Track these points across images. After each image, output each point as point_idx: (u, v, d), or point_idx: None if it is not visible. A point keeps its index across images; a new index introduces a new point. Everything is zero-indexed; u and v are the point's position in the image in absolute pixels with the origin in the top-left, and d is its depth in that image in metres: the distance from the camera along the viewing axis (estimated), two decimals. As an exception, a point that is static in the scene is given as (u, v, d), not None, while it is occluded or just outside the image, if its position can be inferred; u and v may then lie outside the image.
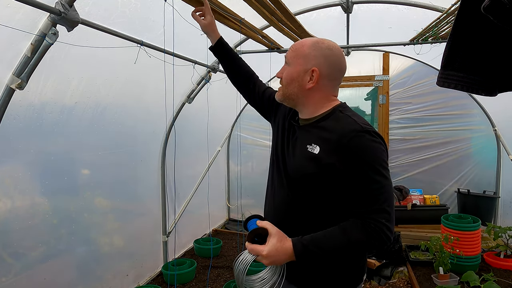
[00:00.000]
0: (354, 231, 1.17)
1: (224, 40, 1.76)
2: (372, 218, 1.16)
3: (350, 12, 3.15)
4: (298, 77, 1.31)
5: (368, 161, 1.18)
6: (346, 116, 1.27)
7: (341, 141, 1.19)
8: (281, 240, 1.21)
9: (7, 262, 2.13)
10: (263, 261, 1.21)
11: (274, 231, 1.23)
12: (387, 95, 4.79)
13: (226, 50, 1.76)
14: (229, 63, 1.78)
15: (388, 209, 1.17)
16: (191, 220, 4.23)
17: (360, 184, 1.18)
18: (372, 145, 1.19)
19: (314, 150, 1.25)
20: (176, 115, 3.54)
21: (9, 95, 1.82)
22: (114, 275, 3.01)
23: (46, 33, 1.73)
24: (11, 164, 2.13)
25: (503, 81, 0.93)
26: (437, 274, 3.31)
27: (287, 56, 1.36)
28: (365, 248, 1.22)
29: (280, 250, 1.19)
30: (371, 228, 1.16)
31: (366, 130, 1.20)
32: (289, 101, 1.38)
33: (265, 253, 1.19)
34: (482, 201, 4.26)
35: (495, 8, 0.75)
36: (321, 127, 1.29)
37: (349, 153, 1.18)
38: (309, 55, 1.29)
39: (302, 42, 1.33)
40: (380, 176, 1.18)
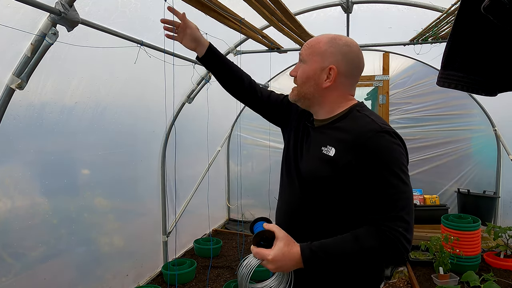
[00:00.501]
0: (367, 239, 1.07)
1: (214, 47, 1.53)
2: (387, 226, 1.06)
3: (350, 12, 3.15)
4: (315, 76, 1.24)
5: (385, 163, 1.09)
6: (364, 115, 1.20)
7: (357, 141, 1.12)
8: (289, 245, 1.12)
9: (7, 262, 2.13)
10: (268, 266, 1.13)
11: (282, 234, 1.14)
12: (387, 95, 4.78)
13: (219, 58, 1.54)
14: (226, 72, 1.57)
15: (406, 217, 1.07)
16: (191, 220, 4.23)
17: (376, 188, 1.09)
18: (391, 146, 1.11)
19: (329, 152, 1.17)
20: (176, 115, 3.54)
21: (9, 95, 1.83)
22: (114, 275, 3.01)
23: (46, 33, 1.73)
24: (11, 164, 2.13)
25: (503, 81, 0.93)
26: (437, 274, 3.31)
27: (302, 53, 1.28)
28: (379, 258, 1.10)
29: (287, 255, 1.10)
30: (386, 237, 1.05)
31: (385, 130, 1.12)
32: (304, 101, 1.29)
33: (271, 258, 1.10)
34: (482, 201, 4.26)
35: (495, 8, 0.75)
36: (337, 127, 1.22)
37: (366, 154, 1.10)
38: (326, 52, 1.22)
39: (318, 39, 1.25)
40: (398, 180, 1.09)
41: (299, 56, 1.30)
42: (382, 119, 1.20)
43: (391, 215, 1.07)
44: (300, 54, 1.28)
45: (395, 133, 1.15)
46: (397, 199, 1.08)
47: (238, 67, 1.62)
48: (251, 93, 1.59)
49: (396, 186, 1.09)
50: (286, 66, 5.03)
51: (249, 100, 1.62)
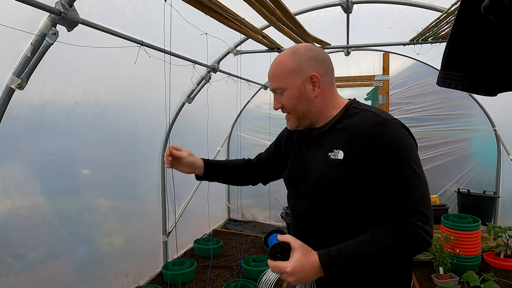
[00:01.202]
0: (385, 237, 1.04)
1: (209, 163, 1.54)
2: (405, 220, 1.03)
3: (350, 12, 3.15)
4: (302, 92, 1.20)
5: (395, 156, 1.06)
6: (363, 110, 1.17)
7: (364, 138, 1.09)
8: (306, 254, 1.07)
9: (7, 262, 2.13)
10: (288, 279, 1.07)
11: (297, 244, 1.10)
12: (387, 95, 4.79)
13: (217, 168, 1.55)
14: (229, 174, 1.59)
15: (423, 209, 1.04)
16: (191, 220, 4.23)
17: (389, 183, 1.06)
18: (398, 137, 1.08)
19: (338, 156, 1.13)
20: (176, 115, 3.55)
21: (9, 95, 1.83)
22: (114, 275, 3.01)
23: (46, 33, 1.73)
24: (11, 164, 2.13)
25: (503, 81, 0.93)
26: (437, 274, 3.31)
27: (274, 86, 1.23)
28: (400, 255, 1.05)
29: (305, 265, 1.05)
30: (405, 232, 1.02)
31: (389, 121, 1.10)
32: (305, 121, 1.24)
33: (290, 270, 1.05)
34: (482, 201, 4.26)
35: (495, 8, 0.75)
36: (339, 129, 1.19)
37: (374, 148, 1.07)
38: (297, 66, 1.19)
39: (280, 60, 1.22)
40: (411, 172, 1.06)
41: (273, 92, 1.26)
42: (382, 111, 1.18)
43: (407, 209, 1.04)
44: (273, 88, 1.24)
45: (400, 122, 1.12)
46: (411, 191, 1.05)
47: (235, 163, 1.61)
48: (255, 177, 1.61)
49: (408, 178, 1.06)
50: (286, 66, 5.02)
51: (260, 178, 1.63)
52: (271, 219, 5.22)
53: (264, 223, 5.35)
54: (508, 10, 0.74)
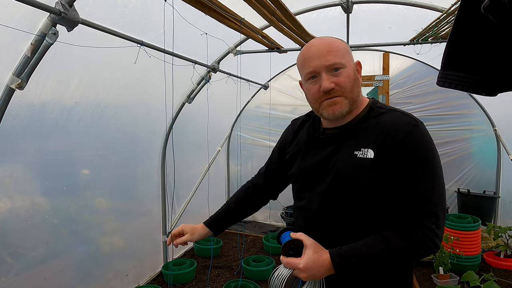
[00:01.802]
0: (397, 239, 1.05)
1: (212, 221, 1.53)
2: (420, 223, 1.04)
3: (350, 12, 3.15)
4: (356, 75, 1.17)
5: (424, 157, 1.06)
6: (390, 110, 1.16)
7: (397, 137, 1.08)
8: (318, 252, 1.10)
9: (7, 262, 2.13)
10: (300, 275, 1.10)
11: (310, 242, 1.12)
12: (387, 95, 4.79)
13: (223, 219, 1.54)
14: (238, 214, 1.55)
15: (439, 213, 1.05)
16: (191, 220, 4.22)
17: (413, 183, 1.06)
18: (427, 139, 1.09)
19: (367, 155, 1.11)
20: (176, 115, 3.55)
21: (9, 95, 1.83)
22: (114, 275, 3.01)
23: (46, 33, 1.73)
24: (11, 164, 2.13)
25: (503, 81, 0.93)
26: (437, 274, 3.31)
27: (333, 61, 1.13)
28: (409, 257, 1.08)
29: (317, 262, 1.08)
30: (417, 236, 1.04)
31: (420, 123, 1.10)
32: (352, 107, 1.17)
33: (302, 266, 1.08)
34: (482, 201, 4.25)
35: (495, 8, 0.75)
36: (366, 128, 1.16)
37: (406, 148, 1.06)
38: (348, 49, 1.19)
39: (331, 41, 1.17)
40: (435, 175, 1.07)
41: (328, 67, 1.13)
42: (407, 112, 1.16)
43: (425, 211, 1.04)
44: (331, 64, 1.13)
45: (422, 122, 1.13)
46: (432, 194, 1.05)
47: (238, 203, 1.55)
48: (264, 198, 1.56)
49: (430, 180, 1.06)
50: (286, 66, 5.03)
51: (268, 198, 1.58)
52: (271, 219, 5.22)
53: (264, 223, 5.35)
54: (508, 10, 0.74)
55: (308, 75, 1.18)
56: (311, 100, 1.21)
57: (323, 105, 1.17)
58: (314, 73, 1.16)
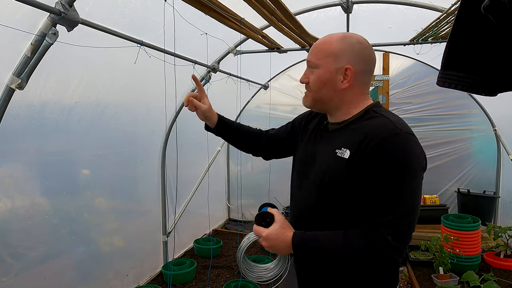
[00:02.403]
0: (355, 240, 1.08)
1: (223, 117, 1.58)
2: (377, 231, 1.04)
3: (350, 12, 3.15)
4: (331, 79, 1.18)
5: (396, 167, 1.05)
6: (382, 116, 1.15)
7: (372, 142, 1.07)
8: (284, 228, 1.20)
9: (7, 262, 2.13)
10: (263, 243, 1.22)
11: (280, 218, 1.22)
12: (387, 95, 4.78)
13: (229, 126, 1.58)
14: (236, 136, 1.61)
15: (401, 227, 1.03)
16: (191, 220, 4.23)
17: (381, 190, 1.06)
18: (405, 150, 1.07)
19: (344, 155, 1.13)
20: (176, 114, 3.54)
21: (9, 95, 1.83)
22: (114, 275, 3.01)
23: (46, 33, 1.73)
24: (11, 164, 2.13)
25: (503, 81, 0.93)
26: (437, 274, 3.31)
27: (311, 59, 1.22)
28: (363, 261, 1.09)
29: (280, 236, 1.18)
30: (373, 243, 1.04)
31: (403, 133, 1.07)
32: (320, 105, 1.25)
33: (265, 235, 1.19)
34: (482, 201, 4.26)
35: (495, 8, 0.75)
36: (352, 129, 1.18)
37: (378, 155, 1.06)
38: (339, 52, 1.17)
39: (328, 40, 1.20)
40: (406, 189, 1.05)
41: (307, 63, 1.24)
42: (401, 120, 1.15)
43: (386, 220, 1.04)
44: (309, 60, 1.22)
45: (415, 139, 1.11)
46: (397, 206, 1.04)
47: (247, 128, 1.63)
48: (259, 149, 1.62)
49: (400, 193, 1.05)
50: (286, 66, 5.03)
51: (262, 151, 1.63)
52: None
53: (264, 223, 5.35)
54: (508, 10, 0.74)
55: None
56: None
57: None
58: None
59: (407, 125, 1.14)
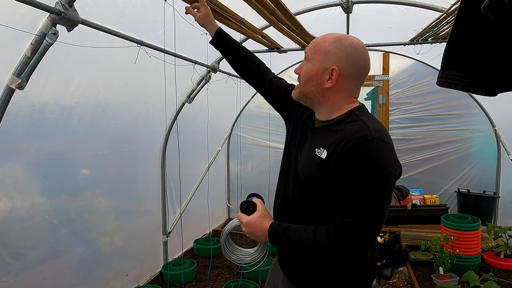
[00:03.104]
0: (323, 236, 1.16)
1: (223, 30, 1.70)
2: (342, 230, 1.11)
3: (350, 12, 3.15)
4: (317, 75, 1.22)
5: (365, 172, 1.08)
6: (360, 121, 1.17)
7: (345, 146, 1.10)
8: (263, 217, 1.32)
9: (7, 262, 2.13)
10: (243, 229, 1.34)
11: (261, 208, 1.35)
12: (387, 95, 4.79)
13: (226, 41, 1.70)
14: (233, 54, 1.71)
15: (364, 229, 1.09)
16: (191, 220, 4.23)
17: (346, 192, 1.10)
18: (376, 157, 1.09)
19: (321, 155, 1.17)
20: (176, 115, 3.55)
21: (9, 95, 1.83)
22: (114, 275, 3.01)
23: (46, 33, 1.73)
24: (11, 164, 2.13)
25: (503, 81, 0.93)
26: (437, 274, 3.31)
27: (306, 51, 1.27)
28: (331, 255, 1.22)
29: (258, 224, 1.30)
30: (337, 241, 1.13)
31: (376, 140, 1.09)
32: (305, 100, 1.30)
33: (245, 221, 1.32)
34: (482, 201, 4.26)
35: (495, 8, 0.75)
36: (333, 130, 1.21)
37: (349, 158, 1.09)
38: (329, 52, 1.19)
39: (324, 38, 1.23)
40: (370, 192, 1.08)
41: (304, 54, 1.29)
42: (379, 126, 1.16)
43: (350, 221, 1.10)
44: (305, 52, 1.28)
45: (389, 147, 1.12)
46: (360, 208, 1.09)
47: (248, 50, 1.73)
48: (258, 74, 1.68)
49: (364, 196, 1.08)
50: (286, 66, 5.03)
51: (256, 82, 1.69)
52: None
53: (264, 223, 5.35)
54: (508, 10, 0.74)
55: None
56: None
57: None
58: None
59: (386, 132, 1.16)
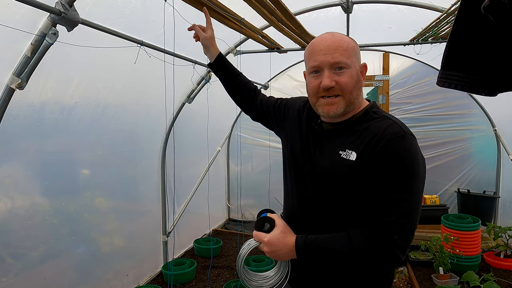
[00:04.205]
0: (359, 240, 1.08)
1: (223, 56, 1.64)
2: (383, 230, 1.05)
3: (350, 12, 3.15)
4: (358, 77, 1.17)
5: (402, 168, 1.07)
6: (384, 117, 1.16)
7: (379, 144, 1.08)
8: (285, 232, 1.18)
9: (7, 262, 2.13)
10: (264, 249, 1.19)
11: (281, 223, 1.21)
12: (387, 95, 4.79)
13: (226, 66, 1.63)
14: (230, 80, 1.65)
15: (406, 226, 1.05)
16: (191, 220, 4.23)
17: (386, 190, 1.07)
18: (410, 152, 1.08)
19: (350, 157, 1.13)
20: (176, 115, 3.55)
21: (9, 95, 1.83)
22: (114, 275, 3.01)
23: (46, 33, 1.73)
24: (11, 164, 2.13)
25: (503, 81, 0.93)
26: (437, 274, 3.31)
27: (341, 60, 1.13)
28: (366, 260, 1.09)
29: (282, 241, 1.16)
30: (378, 242, 1.05)
31: (408, 135, 1.09)
32: (348, 108, 1.17)
33: (266, 240, 1.17)
34: (482, 201, 4.26)
35: (495, 8, 0.75)
36: (356, 131, 1.17)
37: (387, 156, 1.07)
38: (356, 50, 1.17)
39: (341, 38, 1.16)
40: (411, 189, 1.07)
41: (334, 65, 1.14)
42: (402, 122, 1.16)
43: (391, 220, 1.05)
44: (339, 61, 1.13)
45: (415, 138, 1.13)
46: (401, 206, 1.06)
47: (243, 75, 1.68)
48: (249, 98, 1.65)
49: (403, 192, 1.07)
50: (286, 66, 5.03)
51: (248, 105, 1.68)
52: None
53: (264, 223, 5.35)
54: (508, 10, 0.74)
55: (311, 69, 1.20)
56: (310, 93, 1.23)
57: (320, 102, 1.19)
58: (318, 68, 1.17)
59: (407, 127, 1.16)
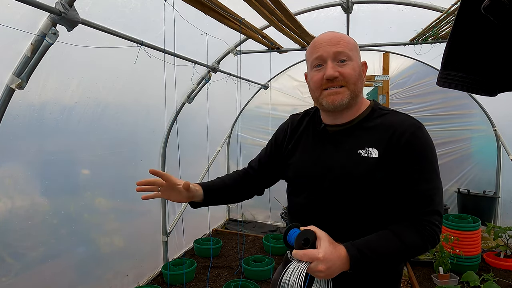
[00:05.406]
0: (409, 235, 1.07)
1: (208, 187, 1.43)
2: (427, 220, 1.08)
3: (350, 12, 3.15)
4: (360, 72, 1.19)
5: (427, 158, 1.11)
6: (394, 112, 1.20)
7: (403, 137, 1.10)
8: (333, 243, 1.03)
9: (7, 262, 2.13)
10: (319, 267, 0.98)
11: (323, 234, 1.04)
12: (387, 95, 4.78)
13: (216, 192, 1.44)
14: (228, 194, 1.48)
15: (441, 211, 1.11)
16: (191, 220, 4.23)
17: (418, 183, 1.09)
18: (429, 141, 1.13)
19: (371, 154, 1.12)
20: (176, 115, 3.54)
21: (9, 95, 1.83)
22: (114, 275, 3.01)
23: (46, 33, 1.73)
24: (11, 164, 2.13)
25: (503, 81, 0.93)
26: (437, 274, 3.31)
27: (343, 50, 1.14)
28: (420, 252, 1.10)
29: (335, 253, 1.00)
30: (427, 231, 1.07)
31: (422, 125, 1.14)
32: (353, 101, 1.17)
33: (322, 255, 0.97)
34: (482, 201, 4.25)
35: (495, 8, 0.75)
36: (368, 128, 1.17)
37: (413, 148, 1.10)
38: (357, 48, 1.21)
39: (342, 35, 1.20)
40: (435, 175, 1.12)
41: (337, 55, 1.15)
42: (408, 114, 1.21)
43: (430, 209, 1.09)
44: (341, 51, 1.14)
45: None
46: (434, 193, 1.10)
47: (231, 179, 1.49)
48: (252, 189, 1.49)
49: (433, 181, 1.11)
50: (286, 66, 5.03)
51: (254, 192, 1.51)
52: (271, 219, 5.22)
53: (264, 223, 5.35)
54: (508, 10, 0.74)
55: (314, 61, 1.19)
56: (313, 88, 1.22)
57: (324, 94, 1.17)
58: (321, 59, 1.17)
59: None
